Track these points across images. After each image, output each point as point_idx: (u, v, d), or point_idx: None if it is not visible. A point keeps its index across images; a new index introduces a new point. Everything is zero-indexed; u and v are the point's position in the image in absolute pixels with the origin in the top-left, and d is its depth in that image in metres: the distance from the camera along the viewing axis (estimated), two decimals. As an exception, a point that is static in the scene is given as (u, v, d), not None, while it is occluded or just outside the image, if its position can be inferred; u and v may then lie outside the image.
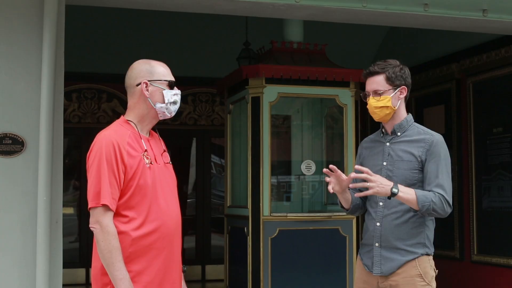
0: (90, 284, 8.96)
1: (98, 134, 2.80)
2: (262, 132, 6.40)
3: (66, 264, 4.31)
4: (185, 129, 9.38)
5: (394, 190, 3.06)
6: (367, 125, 8.04)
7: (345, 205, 3.38)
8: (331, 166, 3.20)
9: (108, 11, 7.13)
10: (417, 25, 5.55)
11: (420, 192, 3.12)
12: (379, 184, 3.05)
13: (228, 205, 7.24)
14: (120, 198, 2.71)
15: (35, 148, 4.12)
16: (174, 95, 2.85)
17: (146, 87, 2.82)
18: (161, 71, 2.86)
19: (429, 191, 3.15)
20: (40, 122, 4.10)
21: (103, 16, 8.02)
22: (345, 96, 6.67)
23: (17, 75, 4.19)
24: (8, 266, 4.10)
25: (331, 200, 6.85)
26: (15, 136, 4.14)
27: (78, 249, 9.10)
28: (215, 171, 9.92)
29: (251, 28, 7.98)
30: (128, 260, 2.68)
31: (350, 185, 3.19)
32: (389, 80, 3.22)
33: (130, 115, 2.88)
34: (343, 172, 6.37)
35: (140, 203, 2.73)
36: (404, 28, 7.47)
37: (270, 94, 6.47)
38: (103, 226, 2.68)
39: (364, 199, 3.41)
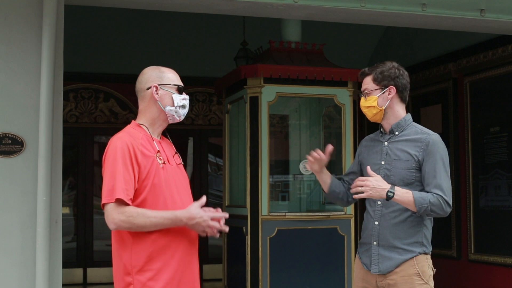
0: (87, 284, 9.00)
1: (112, 137, 2.87)
2: (260, 131, 6.41)
3: (63, 264, 4.32)
4: (182, 128, 9.39)
5: (390, 193, 3.12)
6: (364, 125, 8.06)
7: (324, 188, 3.46)
8: (318, 151, 3.34)
9: (106, 10, 7.13)
10: (415, 25, 5.57)
11: (417, 193, 3.15)
12: (372, 187, 3.11)
13: (226, 204, 7.25)
14: (136, 198, 2.77)
15: (35, 148, 4.13)
16: (183, 99, 2.96)
17: (156, 90, 2.92)
18: (171, 76, 2.97)
19: (428, 192, 3.18)
20: (40, 122, 4.11)
21: (101, 16, 8.01)
22: (343, 96, 6.68)
23: (16, 75, 4.19)
24: (8, 266, 4.10)
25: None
26: (14, 136, 4.14)
27: (75, 249, 9.08)
28: (210, 170, 9.93)
29: (249, 27, 7.98)
30: (148, 259, 2.75)
31: (352, 190, 3.23)
32: (375, 80, 3.29)
33: (141, 118, 2.96)
34: (342, 171, 6.41)
35: (157, 202, 2.79)
36: (401, 28, 7.49)
37: (268, 93, 6.48)
38: (123, 217, 2.70)
39: (351, 195, 3.45)
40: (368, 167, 3.21)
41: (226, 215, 2.92)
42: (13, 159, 4.13)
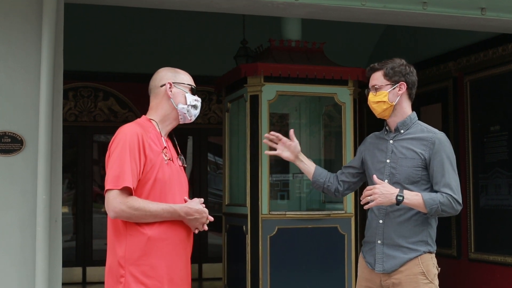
0: (86, 283, 8.98)
1: (121, 127, 2.88)
2: (260, 130, 6.40)
3: (63, 263, 4.30)
4: (181, 127, 9.34)
5: (399, 198, 3.10)
6: (364, 124, 8.04)
7: (308, 176, 3.47)
8: (272, 132, 3.36)
9: (105, 9, 7.10)
10: (416, 23, 5.55)
11: (426, 195, 3.14)
12: (381, 194, 3.10)
13: (226, 203, 7.24)
14: (138, 190, 2.77)
15: (34, 147, 4.11)
16: (195, 100, 3.01)
17: (170, 87, 2.95)
18: (185, 77, 3.03)
19: (437, 191, 3.17)
20: (39, 121, 4.10)
21: (100, 14, 7.99)
22: (343, 95, 6.66)
23: (16, 74, 4.17)
24: (8, 265, 4.08)
25: (329, 198, 6.85)
26: (14, 135, 4.13)
27: (74, 248, 9.06)
28: (209, 169, 9.91)
29: (249, 26, 7.96)
30: (142, 253, 2.75)
31: (362, 202, 3.19)
32: (386, 75, 3.27)
33: (152, 114, 2.99)
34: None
35: (157, 197, 2.80)
36: (401, 26, 7.46)
37: (269, 92, 6.47)
38: (124, 206, 2.70)
39: (343, 185, 3.47)
40: (374, 176, 3.19)
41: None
42: (12, 158, 4.12)
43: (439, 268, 3.27)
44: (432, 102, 7.82)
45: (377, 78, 3.28)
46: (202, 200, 2.90)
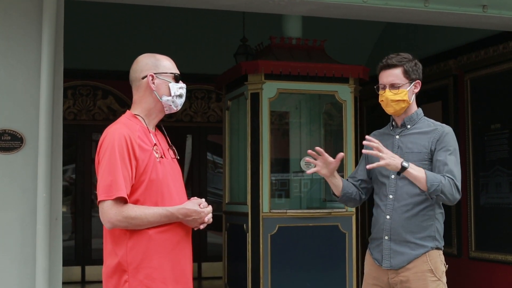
0: (85, 282, 8.95)
1: (108, 128, 2.75)
2: (261, 128, 6.37)
3: (62, 262, 4.27)
4: (180, 126, 9.34)
5: (405, 164, 3.04)
6: (364, 122, 8.02)
7: (336, 192, 3.36)
8: (317, 148, 3.23)
9: (105, 6, 7.08)
10: (417, 20, 5.54)
11: (430, 172, 3.10)
12: (391, 156, 3.05)
13: (226, 202, 7.21)
14: (133, 194, 2.66)
15: (34, 145, 4.09)
16: (180, 89, 2.85)
17: (152, 79, 2.80)
18: (167, 64, 2.85)
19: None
20: (40, 118, 4.07)
21: (99, 12, 7.96)
22: (344, 92, 6.64)
23: (16, 71, 4.15)
24: (8, 264, 4.06)
25: (330, 197, 6.82)
26: (14, 133, 4.10)
27: (73, 247, 9.04)
28: (208, 168, 9.89)
29: (248, 24, 7.94)
30: (145, 256, 2.65)
31: (365, 151, 3.12)
32: (406, 73, 3.23)
33: (136, 109, 2.84)
34: (343, 168, 6.35)
35: (154, 198, 2.70)
36: (401, 24, 7.45)
37: (269, 90, 6.45)
38: (120, 216, 2.60)
39: (364, 192, 3.40)
40: (380, 144, 3.12)
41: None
42: (12, 156, 4.09)
43: (447, 265, 3.26)
44: (432, 100, 7.80)
45: (397, 75, 3.22)
46: (201, 201, 2.79)
